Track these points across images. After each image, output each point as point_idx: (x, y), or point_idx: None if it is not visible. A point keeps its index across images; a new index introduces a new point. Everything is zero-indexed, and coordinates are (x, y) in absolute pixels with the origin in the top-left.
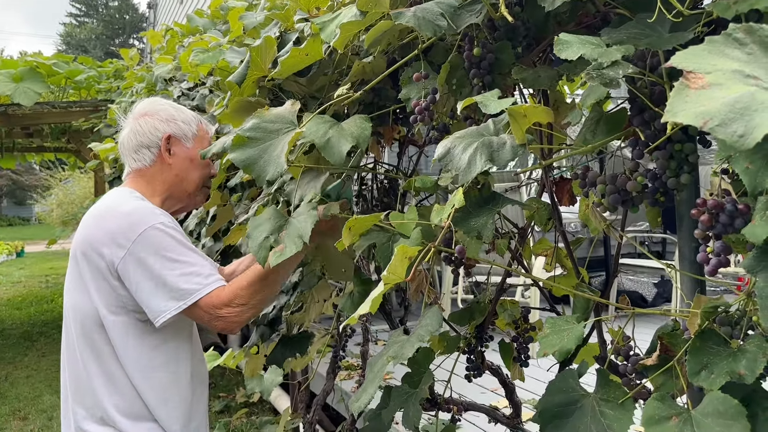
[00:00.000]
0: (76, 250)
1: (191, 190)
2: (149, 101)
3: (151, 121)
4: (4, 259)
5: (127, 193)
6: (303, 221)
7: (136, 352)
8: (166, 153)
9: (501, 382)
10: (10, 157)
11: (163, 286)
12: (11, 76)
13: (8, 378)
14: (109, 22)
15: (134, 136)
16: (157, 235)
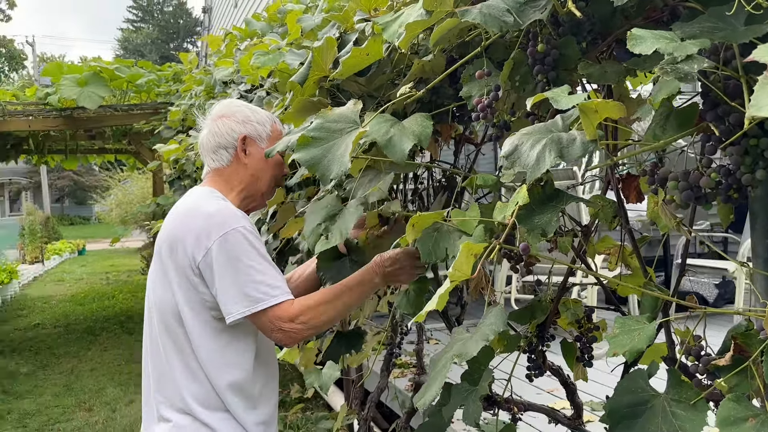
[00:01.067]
0: (161, 246)
1: (264, 189)
2: (226, 103)
3: (228, 122)
4: (66, 257)
5: (209, 192)
6: (348, 216)
7: (211, 348)
8: (242, 153)
9: (562, 383)
10: (73, 158)
11: (235, 288)
12: (77, 81)
13: (73, 371)
14: (164, 26)
15: (212, 137)
16: (237, 238)
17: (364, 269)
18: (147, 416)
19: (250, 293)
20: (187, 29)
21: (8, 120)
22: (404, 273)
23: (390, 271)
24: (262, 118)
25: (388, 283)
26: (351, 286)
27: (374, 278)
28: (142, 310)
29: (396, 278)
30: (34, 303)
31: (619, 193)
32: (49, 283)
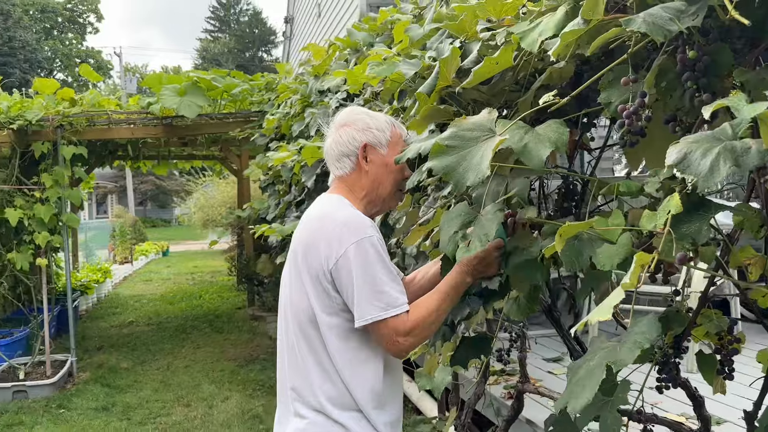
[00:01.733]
0: (296, 251)
1: (385, 194)
2: (348, 111)
3: (349, 131)
4: (152, 258)
5: (338, 200)
6: (489, 221)
7: (343, 350)
8: (363, 161)
9: (689, 396)
10: (164, 164)
11: (363, 296)
12: (176, 91)
13: (169, 367)
14: (240, 36)
15: (336, 146)
16: (368, 248)
17: (455, 272)
18: (282, 409)
19: (377, 302)
20: (263, 39)
21: (113, 128)
22: (491, 267)
23: (479, 269)
24: (381, 125)
25: (476, 280)
26: (447, 292)
27: (465, 278)
28: (228, 310)
29: (485, 273)
30: (126, 301)
31: (766, 201)
32: (138, 283)
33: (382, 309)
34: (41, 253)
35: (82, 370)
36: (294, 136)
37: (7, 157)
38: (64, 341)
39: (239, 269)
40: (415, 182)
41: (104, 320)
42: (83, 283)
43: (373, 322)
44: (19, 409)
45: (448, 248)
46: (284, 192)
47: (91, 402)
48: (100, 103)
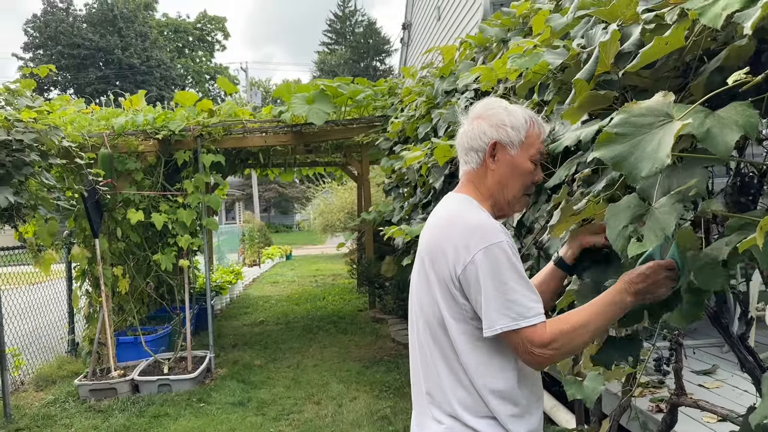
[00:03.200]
0: (423, 255)
1: (510, 197)
2: (485, 103)
3: (482, 124)
4: (278, 261)
5: (467, 201)
6: (666, 213)
7: (474, 357)
8: (490, 159)
9: None
10: (290, 171)
11: (492, 304)
12: (305, 99)
13: (299, 366)
14: (356, 47)
15: (466, 138)
16: (498, 254)
17: (614, 289)
18: (419, 412)
19: (507, 311)
20: (376, 48)
21: (247, 136)
22: (660, 287)
23: (642, 288)
24: (518, 122)
25: (639, 301)
26: (602, 308)
27: (625, 298)
28: (350, 312)
29: (650, 294)
30: (256, 302)
31: None
32: (266, 285)
33: (513, 319)
34: (183, 255)
35: (219, 366)
36: (420, 138)
37: (153, 166)
38: (201, 338)
39: (360, 272)
40: (563, 178)
41: (237, 319)
42: (218, 284)
43: (505, 332)
44: (164, 402)
45: (617, 244)
46: (409, 194)
47: (229, 397)
48: (236, 113)
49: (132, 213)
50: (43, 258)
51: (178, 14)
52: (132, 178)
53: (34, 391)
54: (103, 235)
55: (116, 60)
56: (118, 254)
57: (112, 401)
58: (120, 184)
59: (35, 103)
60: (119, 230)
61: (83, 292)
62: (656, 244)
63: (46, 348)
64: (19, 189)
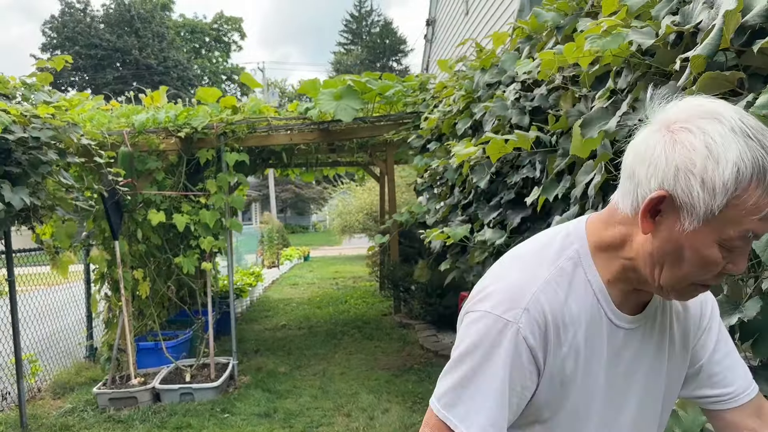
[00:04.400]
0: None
1: (666, 282)
2: (706, 110)
3: (668, 149)
4: (296, 262)
5: (563, 244)
6: None
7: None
8: (646, 216)
9: None
10: (312, 171)
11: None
12: (332, 95)
13: (325, 373)
14: (372, 47)
15: (639, 155)
16: (488, 331)
17: None
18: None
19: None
20: (392, 48)
21: (272, 134)
22: None
23: None
24: (720, 177)
25: None
26: None
27: None
28: (375, 316)
29: None
30: (276, 305)
31: None
32: (285, 287)
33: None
34: (206, 258)
35: (242, 373)
36: (458, 135)
37: (174, 165)
38: (222, 344)
39: (385, 275)
40: None
41: (258, 323)
42: (238, 287)
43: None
44: (187, 412)
45: (766, 255)
46: (445, 194)
47: (254, 407)
48: (260, 110)
49: (153, 214)
50: (60, 260)
51: (195, 15)
52: (153, 178)
53: (51, 399)
54: (123, 237)
55: (133, 60)
56: (139, 257)
57: (133, 411)
58: (140, 183)
59: (53, 98)
60: (140, 232)
61: (102, 295)
62: None
63: (63, 353)
64: (36, 189)
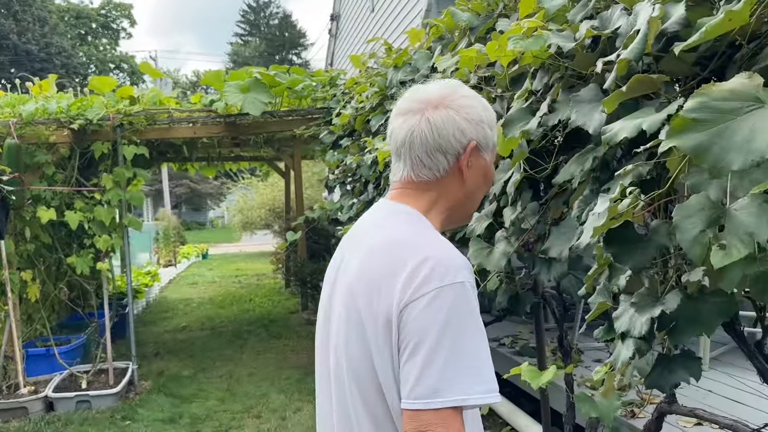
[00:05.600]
0: (355, 284)
1: (471, 212)
2: (452, 86)
3: (456, 118)
4: (194, 261)
5: (416, 217)
6: (755, 216)
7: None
8: (465, 166)
9: None
10: (214, 166)
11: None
12: (239, 88)
13: (232, 375)
14: (271, 39)
15: (432, 134)
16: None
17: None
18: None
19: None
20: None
21: (174, 127)
22: None
23: None
24: (493, 119)
25: None
26: None
27: None
28: (282, 314)
29: None
30: (175, 305)
31: None
32: (183, 286)
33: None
34: (102, 257)
35: (143, 378)
36: (372, 132)
37: (66, 158)
38: (119, 347)
39: (292, 272)
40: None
41: (156, 325)
42: (134, 287)
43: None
44: (84, 421)
45: (693, 251)
46: (359, 191)
47: (158, 413)
48: (160, 101)
49: (42, 211)
50: None
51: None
52: (42, 172)
53: None
54: (9, 236)
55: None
56: (27, 257)
57: (23, 422)
58: (28, 178)
59: None
60: (28, 230)
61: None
62: (747, 252)
63: None
64: None
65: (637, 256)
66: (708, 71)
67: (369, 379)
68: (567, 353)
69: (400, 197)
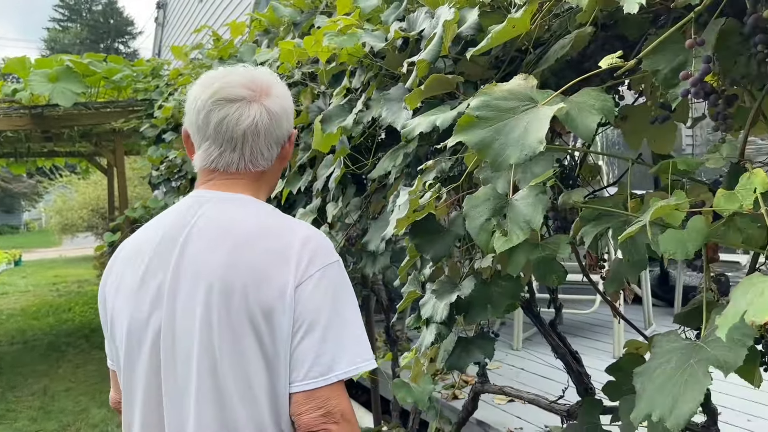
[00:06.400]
0: (218, 283)
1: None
2: (272, 74)
3: (285, 106)
4: (4, 269)
5: (265, 205)
6: (531, 206)
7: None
8: (286, 153)
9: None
10: (22, 162)
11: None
12: (47, 76)
13: (47, 392)
14: (94, 26)
15: (273, 123)
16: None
17: None
18: None
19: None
20: (119, 29)
21: None
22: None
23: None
24: (292, 103)
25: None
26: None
27: None
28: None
29: None
30: None
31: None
32: None
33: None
34: None
35: None
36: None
37: None
38: None
39: None
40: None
41: None
42: None
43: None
44: None
45: (480, 238)
46: (185, 188)
47: None
48: None
49: None
50: None
51: None
52: None
53: None
54: None
55: None
56: None
57: None
58: None
59: None
60: None
61: None
62: (524, 237)
63: None
64: None
65: (437, 245)
66: (502, 73)
67: (242, 377)
68: (394, 342)
69: (231, 187)
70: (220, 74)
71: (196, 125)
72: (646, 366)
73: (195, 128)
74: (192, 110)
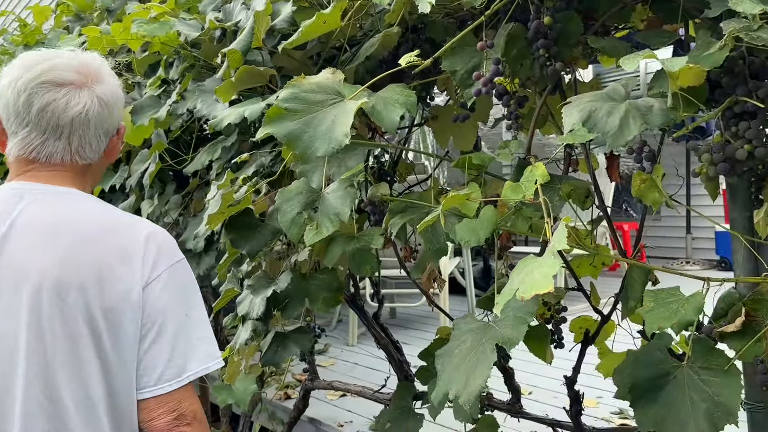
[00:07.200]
0: (49, 285)
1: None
2: (99, 58)
3: (117, 93)
4: None
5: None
6: (340, 199)
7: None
8: (114, 147)
9: (500, 368)
10: None
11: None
12: None
13: None
14: None
15: (104, 111)
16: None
17: None
18: None
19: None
20: None
21: None
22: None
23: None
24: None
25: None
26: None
27: None
28: None
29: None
30: None
31: (593, 173)
32: None
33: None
34: None
35: None
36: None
37: None
38: None
39: None
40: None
41: None
42: None
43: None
44: None
45: (291, 231)
46: None
47: None
48: None
49: None
50: None
51: None
52: None
53: None
54: None
55: None
56: None
57: None
58: None
59: None
60: None
61: None
62: (333, 229)
63: None
64: None
65: (253, 241)
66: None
67: (78, 384)
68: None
69: (54, 180)
70: (44, 56)
71: (13, 109)
72: (447, 347)
73: (11, 112)
74: (8, 92)
